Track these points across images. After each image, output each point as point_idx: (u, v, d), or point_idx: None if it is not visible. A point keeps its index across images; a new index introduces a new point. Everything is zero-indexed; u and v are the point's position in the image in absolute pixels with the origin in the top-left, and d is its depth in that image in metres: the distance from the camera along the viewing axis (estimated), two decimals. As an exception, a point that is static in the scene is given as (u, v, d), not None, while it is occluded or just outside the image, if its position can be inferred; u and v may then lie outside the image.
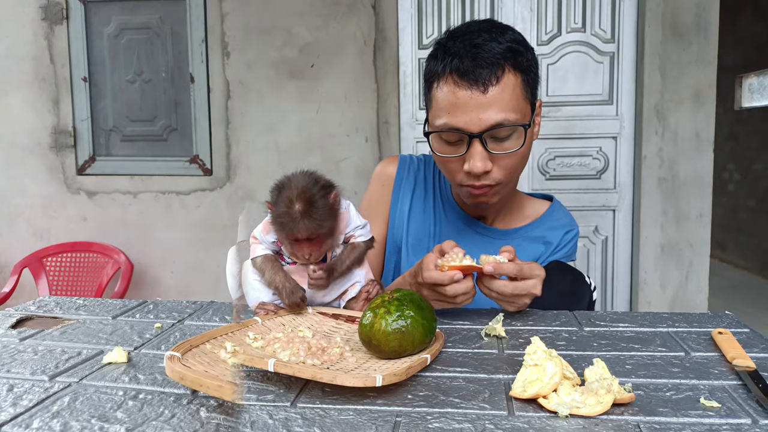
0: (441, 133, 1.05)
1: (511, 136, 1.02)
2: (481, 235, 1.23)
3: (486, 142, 1.01)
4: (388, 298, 0.78)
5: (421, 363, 0.72)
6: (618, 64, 2.77)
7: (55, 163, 3.13)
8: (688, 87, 2.69)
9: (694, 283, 2.78)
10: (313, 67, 2.92)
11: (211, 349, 0.68)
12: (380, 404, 0.63)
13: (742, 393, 0.64)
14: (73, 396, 0.60)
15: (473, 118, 1.00)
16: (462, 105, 1.00)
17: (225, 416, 0.55)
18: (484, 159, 1.02)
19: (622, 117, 2.79)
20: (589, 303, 1.14)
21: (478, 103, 0.99)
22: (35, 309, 0.94)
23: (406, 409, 0.62)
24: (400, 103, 2.91)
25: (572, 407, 0.60)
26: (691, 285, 2.79)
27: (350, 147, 2.93)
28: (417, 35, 2.90)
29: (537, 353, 0.66)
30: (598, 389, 0.61)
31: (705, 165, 2.73)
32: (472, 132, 1.00)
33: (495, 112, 0.99)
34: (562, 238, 1.23)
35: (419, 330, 0.75)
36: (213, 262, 3.04)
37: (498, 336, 0.87)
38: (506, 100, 1.00)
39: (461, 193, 1.12)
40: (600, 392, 0.61)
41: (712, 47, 2.67)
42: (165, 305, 0.95)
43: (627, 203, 2.84)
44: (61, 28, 3.04)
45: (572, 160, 2.84)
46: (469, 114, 1.00)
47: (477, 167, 1.01)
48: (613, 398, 0.61)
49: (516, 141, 1.03)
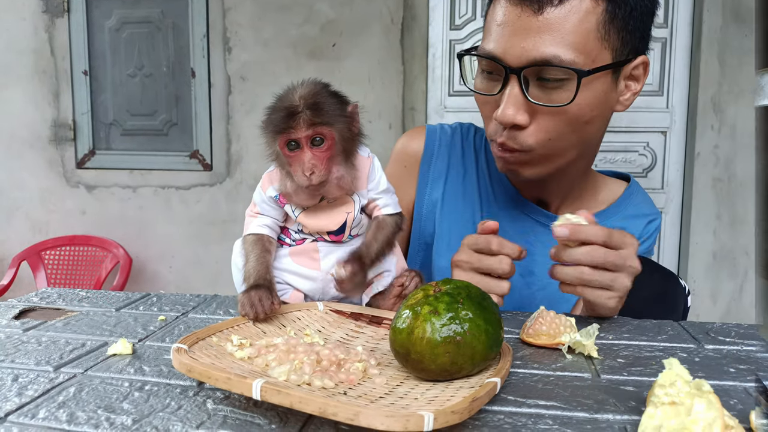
0: (481, 61, 0.81)
1: (565, 85, 0.75)
2: (542, 224, 0.95)
3: (527, 84, 0.76)
4: (435, 292, 0.56)
5: (488, 392, 0.49)
6: (671, 52, 2.51)
7: (55, 156, 3.13)
8: (750, 78, 2.40)
9: (748, 295, 2.50)
10: (334, 47, 2.74)
11: (217, 342, 0.67)
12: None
13: None
14: (79, 387, 0.59)
15: (515, 45, 0.75)
16: (507, 25, 0.76)
17: (232, 408, 0.54)
18: (518, 106, 0.76)
19: (674, 110, 2.54)
20: (684, 310, 0.90)
21: (526, 26, 0.74)
22: (38, 300, 0.94)
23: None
24: (427, 88, 2.69)
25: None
26: (745, 297, 2.50)
27: (372, 134, 2.75)
28: (449, 15, 2.66)
29: (677, 385, 0.43)
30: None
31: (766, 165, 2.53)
32: (510, 65, 0.76)
33: (546, 43, 0.73)
34: (644, 229, 0.97)
35: (482, 339, 0.53)
36: (212, 257, 3.03)
37: (586, 355, 0.64)
38: (566, 31, 0.73)
39: (493, 154, 0.87)
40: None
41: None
42: (168, 298, 0.95)
43: (676, 205, 2.59)
44: (62, 20, 3.03)
45: (616, 156, 2.59)
46: (511, 39, 0.75)
47: (505, 115, 0.77)
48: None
49: (569, 93, 0.75)
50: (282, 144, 0.71)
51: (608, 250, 0.69)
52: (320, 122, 0.69)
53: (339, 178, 0.72)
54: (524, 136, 0.79)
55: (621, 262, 0.70)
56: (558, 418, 0.50)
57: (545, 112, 0.77)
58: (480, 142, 1.03)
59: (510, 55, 0.76)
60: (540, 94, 0.77)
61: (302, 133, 0.70)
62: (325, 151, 0.71)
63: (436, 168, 1.02)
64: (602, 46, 0.76)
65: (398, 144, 1.08)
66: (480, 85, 0.84)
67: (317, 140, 0.70)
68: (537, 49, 0.74)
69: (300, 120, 0.69)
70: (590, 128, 0.82)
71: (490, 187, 0.99)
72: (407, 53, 2.69)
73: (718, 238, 2.52)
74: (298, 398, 0.44)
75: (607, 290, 0.71)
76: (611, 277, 0.70)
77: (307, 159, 0.70)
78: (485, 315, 0.54)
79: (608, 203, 0.99)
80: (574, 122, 0.79)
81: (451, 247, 0.99)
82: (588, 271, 0.70)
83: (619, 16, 0.76)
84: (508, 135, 0.80)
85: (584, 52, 0.74)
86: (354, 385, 0.54)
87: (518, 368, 0.62)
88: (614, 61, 0.78)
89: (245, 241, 0.78)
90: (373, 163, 0.78)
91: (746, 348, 0.68)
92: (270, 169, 0.78)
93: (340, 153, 0.72)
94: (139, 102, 3.06)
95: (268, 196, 0.77)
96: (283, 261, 0.80)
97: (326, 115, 0.69)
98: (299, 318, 0.74)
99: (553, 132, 0.79)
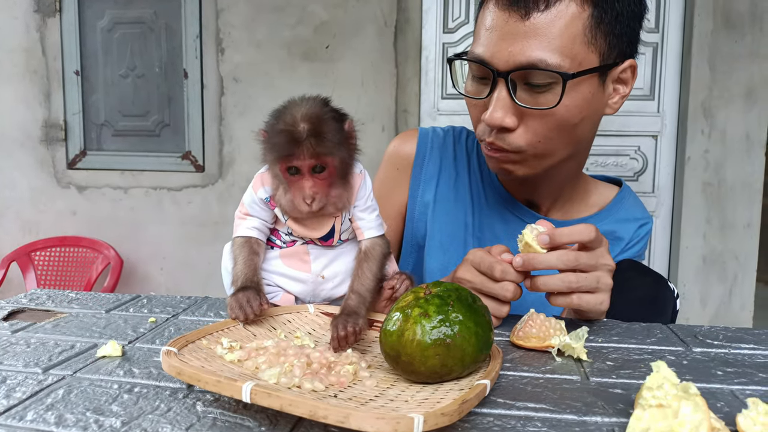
0: (471, 65, 0.83)
1: (552, 89, 0.77)
2: None
3: (514, 88, 0.78)
4: (425, 294, 0.56)
5: (478, 394, 0.49)
6: (662, 56, 2.53)
7: (46, 156, 3.11)
8: (740, 83, 2.44)
9: (738, 299, 2.53)
10: (328, 49, 2.74)
11: (207, 345, 0.67)
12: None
13: None
14: (68, 389, 0.59)
15: (502, 49, 0.76)
16: (495, 30, 0.77)
17: (222, 411, 0.54)
18: (506, 109, 0.78)
19: (665, 114, 2.56)
20: (673, 313, 0.90)
21: (513, 30, 0.76)
22: (27, 302, 0.93)
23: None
24: (421, 90, 2.70)
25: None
26: (735, 301, 2.53)
27: (365, 136, 2.67)
28: (442, 17, 2.68)
29: (664, 387, 0.44)
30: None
31: (755, 169, 2.47)
32: (498, 68, 0.77)
33: (532, 47, 0.75)
34: (635, 233, 0.98)
35: (471, 341, 0.53)
36: (204, 259, 3.02)
37: (576, 358, 0.65)
38: (553, 35, 0.75)
39: (484, 154, 0.88)
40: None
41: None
42: (159, 300, 0.95)
43: (666, 209, 2.61)
44: (54, 20, 3.01)
45: (607, 160, 2.61)
46: (499, 43, 0.77)
47: (493, 118, 0.78)
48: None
49: (555, 96, 0.76)
50: (283, 169, 0.71)
51: (579, 252, 0.69)
52: (323, 152, 0.69)
53: (336, 199, 0.73)
54: (513, 138, 0.80)
55: (595, 261, 0.70)
56: (547, 421, 0.50)
57: (533, 115, 0.78)
58: (472, 144, 1.04)
59: (498, 59, 0.77)
60: (527, 97, 0.78)
61: (305, 162, 0.69)
62: (325, 179, 0.71)
63: (427, 170, 1.03)
64: (589, 50, 0.77)
65: (390, 146, 1.08)
66: (470, 88, 0.85)
67: (318, 168, 0.70)
68: (523, 54, 0.75)
69: (303, 149, 0.68)
70: (579, 130, 0.83)
71: (481, 190, 1.00)
72: (400, 56, 2.70)
73: (708, 242, 2.54)
74: (288, 401, 0.44)
75: (595, 293, 0.71)
76: (595, 277, 0.70)
77: (308, 186, 0.70)
78: (475, 317, 0.54)
79: (600, 207, 1.00)
80: (562, 124, 0.79)
81: (443, 248, 0.99)
82: (573, 276, 0.69)
83: (606, 20, 0.77)
84: (497, 136, 0.81)
85: (570, 56, 0.75)
86: (344, 387, 0.54)
87: (508, 371, 0.62)
88: (601, 64, 0.79)
89: (234, 244, 0.78)
90: (365, 180, 0.78)
91: (734, 351, 0.68)
92: (262, 170, 0.78)
93: (338, 177, 0.73)
94: (131, 103, 3.05)
95: (259, 197, 0.77)
96: (274, 263, 0.80)
97: (329, 144, 0.69)
98: (290, 321, 0.74)
99: (541, 134, 0.80)
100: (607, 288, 0.71)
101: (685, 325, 0.78)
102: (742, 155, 2.48)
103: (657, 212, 2.62)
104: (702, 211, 2.53)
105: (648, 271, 0.92)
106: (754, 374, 0.61)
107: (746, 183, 2.50)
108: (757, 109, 2.46)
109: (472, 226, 0.99)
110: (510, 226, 0.97)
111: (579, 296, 0.70)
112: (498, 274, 0.72)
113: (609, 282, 0.71)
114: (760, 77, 2.45)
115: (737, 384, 0.58)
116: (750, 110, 2.46)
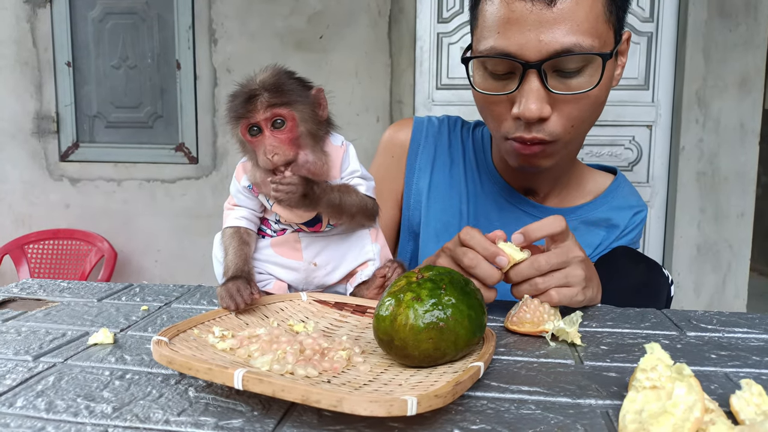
0: (486, 62, 0.80)
1: (583, 72, 0.77)
2: (528, 215, 0.97)
3: (546, 76, 0.76)
4: (417, 279, 0.56)
5: (471, 376, 0.48)
6: (656, 46, 2.50)
7: (38, 149, 3.08)
8: (734, 72, 2.44)
9: (731, 288, 2.54)
10: (321, 39, 2.72)
11: (198, 334, 0.67)
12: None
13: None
14: (58, 376, 0.59)
15: (531, 40, 0.74)
16: (518, 21, 0.75)
17: (214, 396, 0.54)
18: (541, 100, 0.76)
19: (659, 104, 2.55)
20: (668, 299, 0.90)
21: (541, 19, 0.74)
22: (18, 291, 0.93)
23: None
24: (415, 81, 2.70)
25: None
26: (728, 290, 2.55)
27: (359, 127, 2.70)
28: (437, 7, 2.67)
29: (657, 369, 0.43)
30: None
31: (749, 159, 2.47)
32: (529, 60, 0.75)
33: (563, 33, 0.74)
34: (630, 220, 0.99)
35: (465, 324, 0.53)
36: (198, 251, 3.01)
37: (570, 342, 0.65)
38: (580, 19, 0.74)
39: (505, 151, 0.87)
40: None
41: (762, 29, 2.42)
42: (151, 288, 0.94)
43: (661, 198, 2.61)
44: (44, 11, 2.98)
45: (602, 150, 2.60)
46: (526, 34, 0.74)
47: (530, 110, 0.76)
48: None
49: (589, 78, 0.77)
50: (243, 130, 0.70)
51: (548, 254, 0.70)
52: (279, 103, 0.67)
53: (307, 162, 0.70)
54: (551, 127, 0.79)
55: (564, 258, 0.70)
56: (541, 403, 0.50)
57: (566, 100, 0.78)
58: (467, 134, 1.05)
59: (528, 50, 0.75)
60: (558, 84, 0.78)
61: (261, 116, 0.68)
62: (286, 133, 0.69)
63: (422, 158, 1.03)
64: (608, 27, 0.78)
65: (386, 135, 1.08)
66: (486, 85, 0.82)
67: (278, 122, 0.68)
68: (557, 41, 0.74)
69: (258, 103, 0.67)
70: (601, 107, 0.84)
71: (477, 178, 1.00)
72: (395, 46, 2.69)
73: (702, 231, 2.55)
74: (281, 386, 0.44)
75: (568, 287, 0.70)
76: (563, 274, 0.70)
77: (268, 141, 0.68)
78: (468, 300, 0.54)
79: (595, 194, 1.01)
80: (594, 105, 0.81)
81: (438, 235, 1.00)
82: (540, 280, 0.69)
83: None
84: (535, 128, 0.80)
85: (597, 35, 0.76)
86: (338, 373, 0.54)
87: (502, 355, 0.62)
88: (617, 39, 0.81)
89: (224, 234, 0.78)
90: (347, 151, 0.76)
91: (727, 335, 0.69)
92: (243, 159, 0.77)
93: (306, 137, 0.70)
94: (123, 94, 3.03)
95: (242, 185, 0.76)
96: (265, 252, 0.80)
97: (285, 95, 0.68)
98: (282, 309, 0.74)
99: (576, 118, 0.80)
100: (578, 279, 0.71)
101: (679, 310, 0.78)
102: (736, 145, 2.49)
103: (651, 202, 2.63)
104: (696, 201, 2.54)
105: (642, 258, 0.92)
106: (747, 357, 0.62)
107: (740, 172, 2.50)
108: (751, 98, 2.46)
109: (467, 214, 1.00)
110: (506, 215, 0.97)
111: (555, 292, 0.70)
112: (487, 253, 0.71)
113: (579, 273, 0.71)
114: (754, 66, 2.45)
115: (731, 367, 0.59)
116: (744, 99, 2.46)
